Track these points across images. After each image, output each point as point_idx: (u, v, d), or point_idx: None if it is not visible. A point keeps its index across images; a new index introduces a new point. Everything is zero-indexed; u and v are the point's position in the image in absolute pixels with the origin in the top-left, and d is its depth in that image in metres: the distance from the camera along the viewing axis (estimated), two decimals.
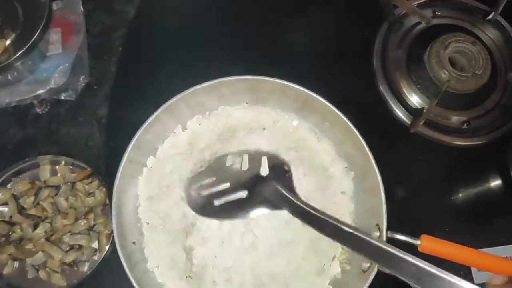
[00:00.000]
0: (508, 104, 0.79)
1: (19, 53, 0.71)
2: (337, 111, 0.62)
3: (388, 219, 0.58)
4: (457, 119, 0.78)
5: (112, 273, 0.69)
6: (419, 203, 0.74)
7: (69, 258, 0.69)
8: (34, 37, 0.72)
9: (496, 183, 0.77)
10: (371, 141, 0.62)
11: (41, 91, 0.76)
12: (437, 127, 0.76)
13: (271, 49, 0.81)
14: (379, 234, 0.59)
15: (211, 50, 0.80)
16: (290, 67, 0.69)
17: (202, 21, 0.84)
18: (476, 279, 0.70)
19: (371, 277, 0.56)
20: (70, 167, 0.74)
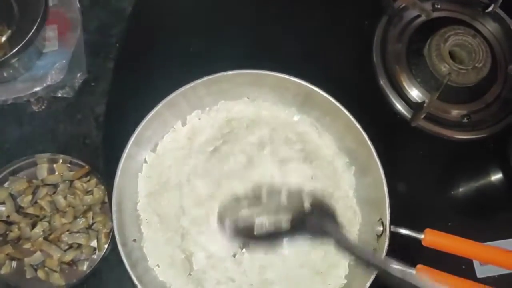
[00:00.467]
0: (508, 97, 0.78)
1: (15, 50, 0.70)
2: (339, 105, 0.62)
3: (390, 213, 0.58)
4: (457, 112, 0.77)
5: (112, 271, 0.69)
6: (420, 197, 0.74)
7: (68, 257, 0.68)
8: (30, 34, 0.71)
9: (497, 176, 0.76)
10: (371, 135, 0.62)
11: (37, 89, 0.75)
12: (437, 121, 0.76)
13: (271, 43, 0.80)
14: (382, 228, 0.59)
15: (209, 45, 0.79)
16: (289, 61, 0.69)
17: (200, 16, 0.83)
18: (478, 273, 0.70)
19: (375, 272, 0.56)
20: (68, 165, 0.73)
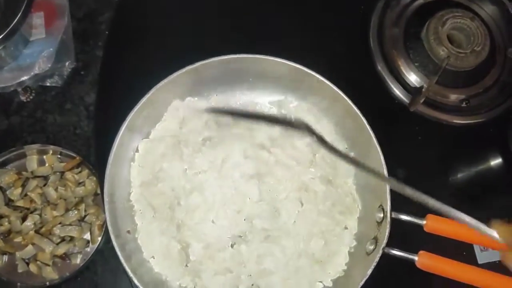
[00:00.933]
0: (507, 80, 0.77)
1: None
2: (337, 90, 0.61)
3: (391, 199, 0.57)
4: (456, 97, 0.76)
5: (106, 264, 0.68)
6: (419, 182, 0.72)
7: (61, 250, 0.66)
8: (15, 21, 0.68)
9: (496, 161, 0.76)
10: (369, 121, 0.61)
11: (25, 78, 0.72)
12: (436, 106, 0.75)
13: (267, 29, 0.78)
14: (382, 215, 0.58)
15: (202, 32, 0.77)
16: (285, 47, 0.67)
17: (192, 2, 0.81)
18: (479, 259, 0.70)
19: (376, 258, 0.55)
20: (58, 156, 0.71)
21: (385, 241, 0.56)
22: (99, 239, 0.67)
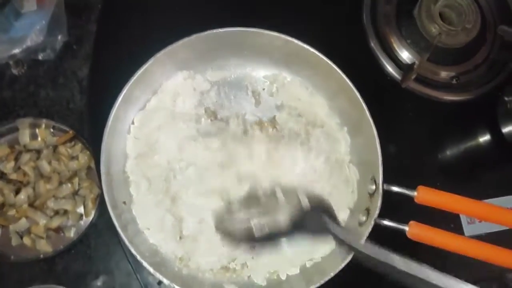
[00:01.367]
0: (496, 58, 0.78)
1: None
2: (332, 64, 0.61)
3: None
4: (446, 74, 0.77)
5: (100, 237, 0.68)
6: (410, 158, 0.74)
7: (54, 223, 0.67)
8: None
9: (484, 138, 0.77)
10: (362, 97, 0.61)
11: (16, 51, 0.71)
12: (427, 83, 0.76)
13: (264, 4, 0.78)
14: (375, 187, 0.59)
15: (195, 4, 0.76)
16: (277, 21, 0.67)
17: None
18: (466, 232, 0.71)
19: (369, 229, 0.56)
20: (51, 130, 0.71)
21: (377, 212, 0.57)
22: (93, 212, 0.68)
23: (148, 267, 0.53)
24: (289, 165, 0.63)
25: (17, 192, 0.67)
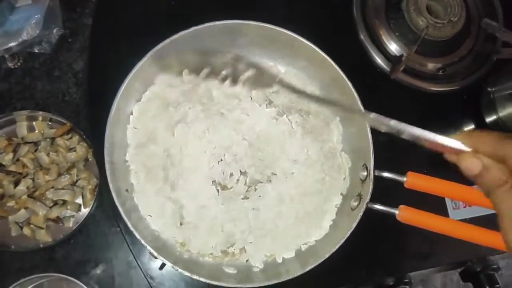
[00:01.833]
0: (480, 50, 0.81)
1: None
2: (325, 55, 0.63)
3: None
4: (433, 65, 0.80)
5: (98, 227, 0.70)
6: (399, 146, 0.76)
7: (54, 213, 0.68)
8: None
9: (469, 127, 0.81)
10: (353, 87, 0.63)
11: (12, 44, 0.72)
12: (415, 74, 0.78)
13: None
14: (366, 173, 0.61)
15: None
16: (267, 13, 0.69)
17: None
18: (451, 216, 0.75)
19: (360, 213, 0.59)
20: (48, 122, 0.72)
21: (369, 197, 0.59)
22: (91, 203, 0.69)
23: (152, 250, 0.54)
24: (282, 151, 0.66)
25: (17, 183, 0.68)
